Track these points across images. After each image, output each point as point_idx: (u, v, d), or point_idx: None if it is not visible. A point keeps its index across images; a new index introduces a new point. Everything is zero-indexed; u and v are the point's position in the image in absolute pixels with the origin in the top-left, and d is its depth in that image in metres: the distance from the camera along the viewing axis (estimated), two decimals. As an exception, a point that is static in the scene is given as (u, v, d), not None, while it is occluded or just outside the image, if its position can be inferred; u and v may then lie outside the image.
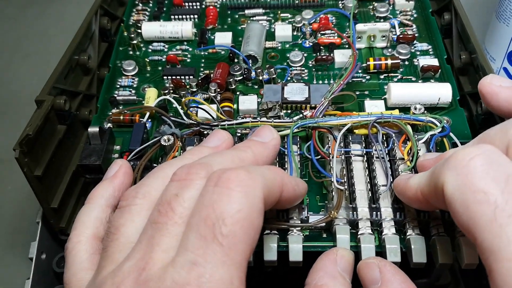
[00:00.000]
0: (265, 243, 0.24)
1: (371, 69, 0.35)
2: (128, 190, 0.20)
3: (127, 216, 0.19)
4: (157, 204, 0.18)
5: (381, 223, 0.24)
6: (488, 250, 0.15)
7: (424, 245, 0.23)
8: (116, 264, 0.17)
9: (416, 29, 0.39)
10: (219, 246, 0.16)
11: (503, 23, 0.43)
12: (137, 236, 0.18)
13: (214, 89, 0.34)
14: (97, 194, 0.23)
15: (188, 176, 0.18)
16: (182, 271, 0.15)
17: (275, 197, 0.19)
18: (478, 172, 0.16)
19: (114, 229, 0.19)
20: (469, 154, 0.16)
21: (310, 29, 0.39)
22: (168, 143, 0.28)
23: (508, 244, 0.14)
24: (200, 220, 0.16)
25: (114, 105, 0.35)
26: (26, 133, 0.27)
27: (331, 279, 0.19)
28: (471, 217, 0.16)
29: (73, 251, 0.20)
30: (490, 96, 0.20)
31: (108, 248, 0.19)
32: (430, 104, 0.31)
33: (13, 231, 0.39)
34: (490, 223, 0.15)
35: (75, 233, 0.21)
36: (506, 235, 0.14)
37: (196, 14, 0.42)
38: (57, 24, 0.56)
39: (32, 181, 0.27)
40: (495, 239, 0.15)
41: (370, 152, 0.27)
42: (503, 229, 0.15)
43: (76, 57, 0.35)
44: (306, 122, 0.28)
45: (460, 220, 0.16)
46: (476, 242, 0.16)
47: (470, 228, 0.16)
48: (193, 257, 0.16)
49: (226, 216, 0.16)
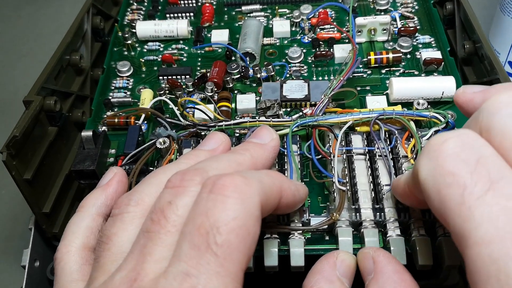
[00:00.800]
0: (265, 247, 0.23)
1: (372, 63, 0.34)
2: (121, 198, 0.20)
3: (119, 224, 0.19)
4: (150, 212, 0.18)
5: (385, 224, 0.23)
6: (459, 235, 0.14)
7: (430, 247, 0.22)
8: (108, 275, 0.17)
9: (418, 21, 0.38)
10: (213, 256, 0.15)
11: (507, 16, 0.42)
12: (130, 245, 0.17)
13: (211, 88, 0.33)
14: (88, 203, 0.22)
15: (182, 183, 0.18)
16: (174, 282, 0.15)
17: (273, 203, 0.18)
18: (448, 155, 0.15)
19: (106, 238, 0.18)
20: (442, 137, 0.15)
21: (308, 24, 0.38)
22: (164, 146, 0.27)
23: (477, 227, 0.13)
24: (193, 228, 0.16)
25: (109, 107, 0.34)
26: (13, 135, 0.26)
27: (328, 283, 0.19)
28: (442, 201, 0.15)
29: (62, 262, 0.20)
30: (466, 105, 0.19)
31: (99, 259, 0.18)
32: (433, 98, 0.30)
33: (5, 238, 0.38)
34: (459, 207, 0.14)
35: (64, 243, 0.20)
36: (474, 218, 0.13)
37: (192, 12, 0.41)
38: (53, 24, 0.56)
39: (22, 185, 0.27)
40: (465, 223, 0.14)
41: (373, 150, 0.26)
42: (472, 212, 0.14)
43: (67, 57, 0.34)
44: (306, 121, 0.27)
45: (433, 206, 0.15)
46: (449, 228, 0.15)
47: (442, 213, 0.15)
48: (186, 267, 0.15)
49: (221, 225, 0.15)
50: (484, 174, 0.14)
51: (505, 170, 0.14)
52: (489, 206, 0.13)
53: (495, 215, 0.13)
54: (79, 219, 0.21)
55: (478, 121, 0.16)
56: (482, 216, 0.13)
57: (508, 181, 0.14)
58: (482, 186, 0.14)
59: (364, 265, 0.20)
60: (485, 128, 0.15)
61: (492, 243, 0.13)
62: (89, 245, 0.20)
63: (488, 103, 0.16)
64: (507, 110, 0.15)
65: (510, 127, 0.15)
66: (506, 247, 0.13)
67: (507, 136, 0.14)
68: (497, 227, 0.13)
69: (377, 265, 0.19)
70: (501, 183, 0.14)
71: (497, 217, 0.13)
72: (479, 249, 0.13)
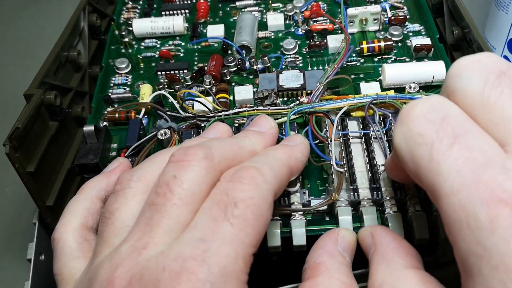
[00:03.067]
0: (268, 229, 0.24)
1: (365, 52, 0.35)
2: (123, 174, 0.20)
3: (121, 200, 0.19)
4: (155, 186, 0.18)
5: (383, 202, 0.24)
6: (432, 190, 0.15)
7: (425, 221, 0.23)
8: (113, 248, 0.17)
9: (407, 11, 0.39)
10: (229, 225, 0.16)
11: (502, 11, 0.43)
12: (134, 220, 0.18)
13: (209, 81, 0.34)
14: (89, 186, 0.22)
15: (186, 157, 0.18)
16: (188, 246, 0.15)
17: (285, 183, 0.20)
18: (416, 117, 0.16)
19: (108, 213, 0.18)
20: (411, 104, 0.16)
21: (302, 17, 0.39)
22: (165, 137, 0.28)
23: (446, 180, 0.14)
24: (212, 204, 0.17)
25: (109, 103, 0.34)
26: (15, 127, 0.26)
27: (330, 257, 0.19)
28: (415, 162, 0.16)
29: (61, 241, 0.20)
30: None
31: (103, 233, 0.18)
32: (425, 82, 0.31)
33: (10, 234, 0.38)
34: (429, 164, 0.15)
35: (62, 223, 0.20)
36: (443, 172, 0.14)
37: (187, 8, 0.42)
38: (53, 24, 0.56)
39: (25, 177, 0.27)
40: (435, 177, 0.15)
41: (368, 133, 0.27)
42: (440, 166, 0.14)
43: (65, 53, 0.35)
44: (302, 108, 0.28)
45: (408, 169, 0.16)
46: (424, 187, 0.16)
47: (416, 173, 0.16)
48: (201, 235, 0.16)
49: (239, 200, 0.16)
50: (449, 130, 0.15)
51: (469, 125, 0.15)
52: (455, 158, 0.14)
53: (460, 166, 0.14)
54: (78, 201, 0.21)
55: (445, 86, 0.17)
56: (449, 168, 0.14)
57: (472, 135, 0.15)
58: (447, 140, 0.15)
59: (364, 242, 0.21)
60: (450, 91, 0.16)
61: (460, 192, 0.14)
62: (87, 225, 0.20)
63: (451, 68, 0.17)
64: (466, 72, 0.16)
65: (468, 86, 0.15)
66: (472, 194, 0.13)
67: (467, 93, 0.15)
68: (463, 177, 0.14)
69: (375, 238, 0.20)
70: (465, 137, 0.14)
71: (462, 167, 0.14)
72: (449, 199, 0.14)
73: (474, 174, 0.14)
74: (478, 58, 0.16)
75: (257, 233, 0.16)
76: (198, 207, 0.17)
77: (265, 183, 0.17)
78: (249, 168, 0.18)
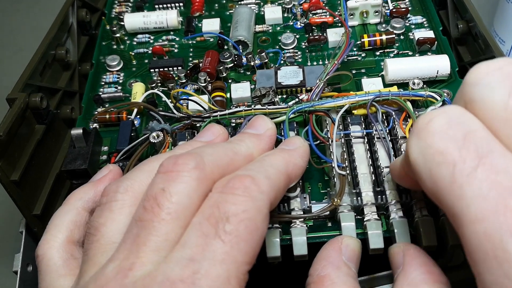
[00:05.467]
0: (267, 238, 0.22)
1: (366, 46, 0.33)
2: (109, 185, 0.18)
3: (107, 214, 0.17)
4: (142, 199, 0.17)
5: (388, 207, 0.23)
6: (453, 214, 0.14)
7: (433, 227, 0.22)
8: (99, 267, 0.16)
9: (409, 2, 0.37)
10: (220, 242, 0.15)
11: (511, 3, 0.41)
12: (121, 236, 0.17)
13: (204, 79, 0.32)
14: (75, 197, 0.21)
15: (175, 167, 0.17)
16: (176, 267, 0.14)
17: (282, 192, 0.19)
18: (436, 133, 0.14)
19: (93, 229, 0.17)
20: (428, 116, 0.15)
21: (300, 10, 0.37)
22: (158, 140, 0.27)
23: (469, 205, 0.13)
24: (203, 218, 0.15)
25: (100, 103, 0.33)
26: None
27: (335, 269, 0.18)
28: (434, 181, 0.14)
29: (45, 258, 0.18)
30: None
31: (88, 251, 0.17)
32: (429, 77, 0.30)
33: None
34: (450, 185, 0.14)
35: (46, 238, 0.19)
36: (466, 196, 0.13)
37: (182, 1, 0.40)
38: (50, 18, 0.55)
39: (9, 187, 0.26)
40: (457, 201, 0.13)
41: (371, 132, 0.26)
42: (463, 190, 0.13)
43: (53, 52, 0.33)
44: (302, 107, 0.26)
45: (426, 187, 0.15)
46: (443, 208, 0.14)
47: (435, 193, 0.14)
48: (190, 253, 0.15)
49: (231, 215, 0.15)
50: (472, 149, 0.14)
51: (493, 143, 0.14)
52: (479, 182, 0.13)
53: (485, 191, 0.13)
54: (63, 213, 0.20)
55: (462, 94, 0.15)
56: (473, 193, 0.13)
57: (496, 155, 0.13)
58: (471, 162, 0.13)
59: (394, 259, 0.20)
60: (468, 101, 0.15)
61: (485, 220, 0.12)
62: (73, 239, 0.19)
63: (469, 75, 0.15)
64: (486, 80, 0.14)
65: (489, 97, 0.14)
66: (499, 222, 0.12)
67: (488, 105, 0.14)
68: (489, 203, 0.13)
69: (406, 258, 0.19)
70: (490, 158, 0.13)
71: (488, 192, 0.13)
72: (473, 227, 0.13)
73: (500, 199, 0.12)
74: (499, 65, 0.15)
75: (252, 249, 0.15)
76: (188, 221, 0.16)
77: (260, 193, 0.16)
78: (243, 178, 0.16)
